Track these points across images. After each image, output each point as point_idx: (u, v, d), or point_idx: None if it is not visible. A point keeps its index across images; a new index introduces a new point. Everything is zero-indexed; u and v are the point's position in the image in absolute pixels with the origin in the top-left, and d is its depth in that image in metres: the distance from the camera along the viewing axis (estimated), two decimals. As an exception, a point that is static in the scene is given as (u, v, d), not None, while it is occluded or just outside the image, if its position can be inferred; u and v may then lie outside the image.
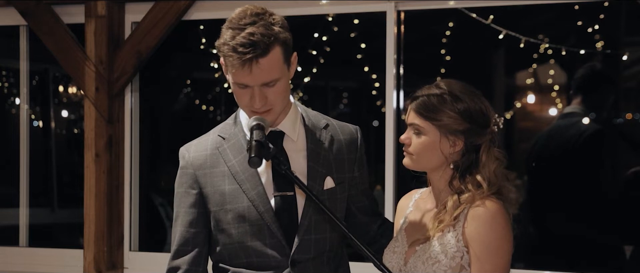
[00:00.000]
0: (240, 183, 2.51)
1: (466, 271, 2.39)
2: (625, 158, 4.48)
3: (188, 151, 2.60)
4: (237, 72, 2.40)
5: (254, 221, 2.50)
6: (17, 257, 4.95)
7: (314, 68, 5.14)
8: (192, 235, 2.56)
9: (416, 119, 2.44)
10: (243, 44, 2.36)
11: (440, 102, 2.42)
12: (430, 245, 2.40)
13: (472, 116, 2.42)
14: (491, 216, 2.36)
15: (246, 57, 2.35)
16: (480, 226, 2.35)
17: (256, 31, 2.36)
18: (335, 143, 2.61)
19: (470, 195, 2.39)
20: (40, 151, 5.80)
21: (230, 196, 2.52)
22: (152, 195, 5.63)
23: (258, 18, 2.40)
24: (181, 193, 2.59)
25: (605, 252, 4.39)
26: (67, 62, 4.61)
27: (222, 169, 2.54)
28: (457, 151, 2.44)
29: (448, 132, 2.42)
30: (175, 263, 2.58)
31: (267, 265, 2.51)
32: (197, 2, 4.48)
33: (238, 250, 2.53)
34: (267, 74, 2.40)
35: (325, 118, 2.67)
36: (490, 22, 4.49)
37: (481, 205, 2.37)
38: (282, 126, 2.56)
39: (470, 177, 2.42)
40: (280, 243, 2.50)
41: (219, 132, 2.61)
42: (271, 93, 2.43)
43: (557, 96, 4.99)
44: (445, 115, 2.41)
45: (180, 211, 2.59)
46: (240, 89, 2.44)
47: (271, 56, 2.38)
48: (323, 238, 2.56)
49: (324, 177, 2.56)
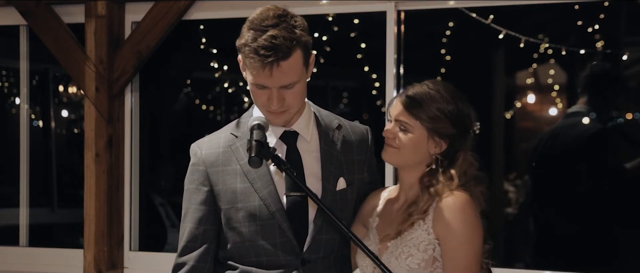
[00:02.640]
0: (252, 181, 2.51)
1: (439, 263, 2.42)
2: (627, 157, 4.48)
3: (200, 148, 2.59)
4: (258, 74, 2.39)
5: (265, 220, 2.50)
6: (17, 257, 4.95)
7: (314, 68, 5.14)
8: (201, 232, 2.56)
9: (406, 116, 2.46)
10: (265, 47, 2.35)
11: (433, 104, 2.44)
12: (402, 239, 2.44)
13: (460, 121, 2.46)
14: (461, 206, 2.40)
15: (268, 61, 2.35)
16: (451, 216, 2.39)
17: (278, 34, 2.36)
18: (347, 143, 2.62)
19: (440, 186, 2.43)
20: (40, 151, 5.79)
21: (242, 195, 2.52)
22: (152, 195, 5.63)
23: (280, 20, 2.39)
24: (192, 189, 2.58)
25: (605, 252, 4.39)
26: (67, 62, 4.61)
27: (234, 168, 2.53)
28: (440, 152, 2.48)
29: (435, 133, 2.45)
30: (182, 260, 2.57)
31: (276, 264, 2.51)
32: (197, 2, 4.47)
33: (248, 248, 2.53)
34: (287, 77, 2.40)
35: (338, 119, 2.67)
36: (490, 22, 4.49)
37: (450, 195, 2.41)
38: (296, 126, 2.56)
39: (442, 174, 2.46)
40: (290, 242, 2.50)
41: (231, 130, 2.60)
42: (289, 95, 2.44)
43: (557, 96, 4.99)
44: (436, 117, 2.44)
45: (190, 208, 2.58)
46: (258, 89, 2.44)
47: (292, 59, 2.38)
48: (333, 238, 2.56)
49: (337, 178, 2.57)
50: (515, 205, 5.34)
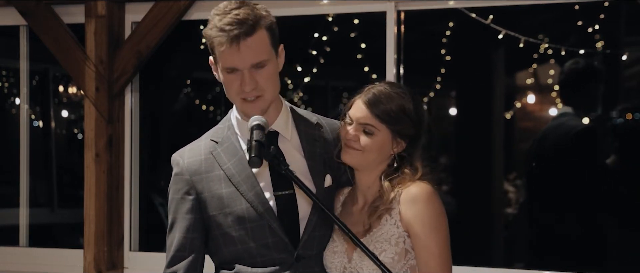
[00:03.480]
0: (236, 185, 2.51)
1: (411, 254, 2.46)
2: (617, 155, 4.49)
3: (182, 157, 2.60)
4: (226, 53, 2.42)
5: (254, 222, 2.50)
6: (17, 257, 4.95)
7: (314, 68, 5.14)
8: (189, 240, 2.57)
9: (370, 118, 2.49)
10: (230, 23, 2.41)
11: (396, 104, 2.48)
12: (372, 236, 2.47)
13: (419, 122, 2.52)
14: (426, 195, 2.46)
15: (233, 34, 2.39)
16: (417, 206, 2.44)
17: (242, 12, 2.42)
18: (327, 141, 2.64)
19: (403, 177, 2.49)
20: (40, 151, 5.79)
21: (228, 199, 2.52)
22: (152, 195, 5.62)
23: (242, 3, 2.46)
24: (177, 199, 2.59)
25: (605, 252, 4.39)
26: (67, 62, 4.62)
27: (217, 173, 2.54)
28: (400, 151, 2.53)
29: (398, 134, 2.50)
30: (171, 270, 2.58)
31: (271, 263, 2.52)
32: (197, 2, 4.47)
33: (241, 251, 2.53)
34: (256, 54, 2.43)
35: (316, 116, 2.70)
36: (490, 22, 4.49)
37: (413, 185, 2.47)
38: (275, 125, 2.57)
39: (407, 167, 2.52)
40: (282, 241, 2.51)
41: (211, 136, 2.61)
42: (261, 77, 2.46)
43: (557, 96, 4.99)
44: (399, 118, 2.48)
45: (177, 217, 2.59)
46: (229, 74, 2.46)
47: (258, 35, 2.43)
48: (325, 235, 2.58)
49: (324, 175, 2.58)
50: (515, 205, 5.34)
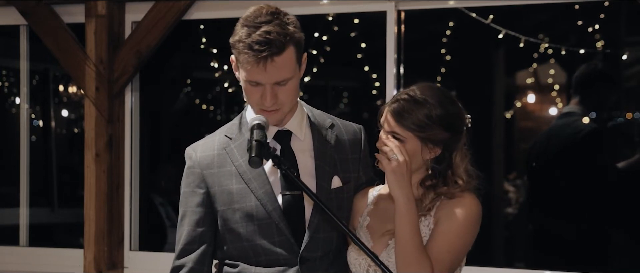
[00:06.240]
0: (247, 182, 2.52)
1: None
2: (623, 156, 4.48)
3: (195, 151, 2.61)
4: (252, 70, 2.41)
5: (262, 220, 2.51)
6: (17, 257, 4.95)
7: (314, 68, 5.14)
8: (198, 234, 2.57)
9: (397, 128, 2.46)
10: (259, 42, 2.37)
11: (422, 112, 2.44)
12: None
13: (451, 125, 2.47)
14: (469, 204, 2.43)
15: (262, 55, 2.37)
16: (455, 209, 2.42)
17: (272, 30, 2.39)
18: (340, 142, 2.63)
19: (447, 188, 2.46)
20: (40, 151, 5.80)
21: (238, 196, 2.53)
22: (152, 195, 5.63)
23: (273, 17, 2.42)
24: (188, 192, 2.59)
25: (605, 251, 4.39)
26: (67, 62, 4.61)
27: (229, 169, 2.55)
28: (435, 157, 2.49)
29: (429, 141, 2.46)
30: (180, 262, 2.58)
31: (275, 262, 2.52)
32: (197, 2, 4.47)
33: (247, 248, 2.54)
34: (280, 73, 2.42)
35: (330, 118, 2.69)
36: (490, 22, 4.49)
37: (462, 194, 2.45)
38: (289, 125, 2.57)
39: (445, 177, 2.48)
40: (288, 241, 2.51)
41: (225, 132, 2.62)
42: (282, 92, 2.46)
43: (557, 96, 5.00)
44: (426, 125, 2.44)
45: (187, 211, 2.59)
46: (251, 86, 2.46)
47: (285, 55, 2.41)
48: (330, 236, 2.57)
49: (331, 176, 2.58)
50: (515, 205, 5.34)
